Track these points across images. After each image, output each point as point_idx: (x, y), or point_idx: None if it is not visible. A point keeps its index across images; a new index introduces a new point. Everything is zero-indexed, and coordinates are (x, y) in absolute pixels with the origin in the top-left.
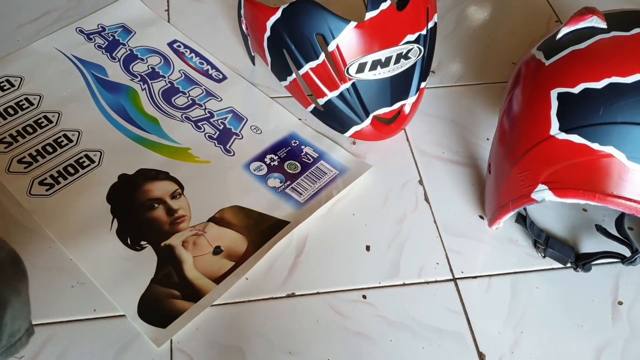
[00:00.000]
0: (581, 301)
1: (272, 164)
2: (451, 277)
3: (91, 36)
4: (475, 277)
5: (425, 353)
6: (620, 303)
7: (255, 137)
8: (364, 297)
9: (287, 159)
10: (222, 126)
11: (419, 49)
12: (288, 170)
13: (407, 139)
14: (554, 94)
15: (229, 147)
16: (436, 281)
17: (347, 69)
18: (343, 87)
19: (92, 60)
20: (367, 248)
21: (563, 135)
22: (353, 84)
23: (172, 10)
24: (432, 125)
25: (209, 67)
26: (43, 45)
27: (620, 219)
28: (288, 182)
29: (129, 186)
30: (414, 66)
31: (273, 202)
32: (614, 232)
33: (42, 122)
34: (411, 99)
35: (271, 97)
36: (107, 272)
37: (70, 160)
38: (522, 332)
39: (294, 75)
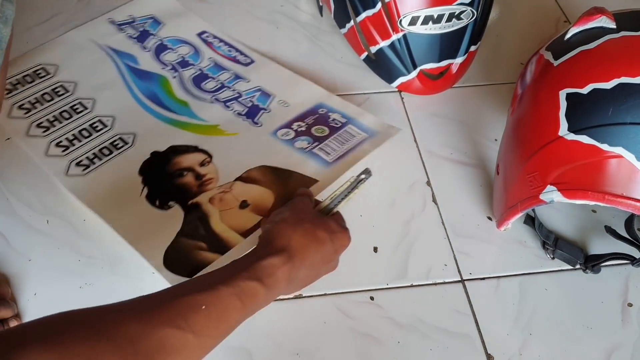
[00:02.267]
0: (590, 303)
1: (299, 129)
2: (459, 279)
3: (122, 27)
4: (483, 278)
5: (433, 355)
6: (630, 305)
7: (283, 110)
8: (372, 298)
9: (315, 124)
10: (250, 104)
11: (472, 12)
12: (315, 134)
13: (415, 140)
14: (562, 94)
15: (257, 119)
16: (444, 282)
17: (400, 20)
18: (395, 37)
19: (124, 50)
20: (375, 249)
21: (572, 136)
22: (404, 36)
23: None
24: (440, 126)
25: (237, 53)
26: (77, 34)
27: (629, 220)
28: (316, 143)
29: (161, 160)
30: (465, 28)
31: (301, 160)
32: (624, 233)
33: (78, 108)
34: (459, 59)
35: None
36: (136, 230)
37: (105, 143)
38: (530, 334)
39: (352, 23)
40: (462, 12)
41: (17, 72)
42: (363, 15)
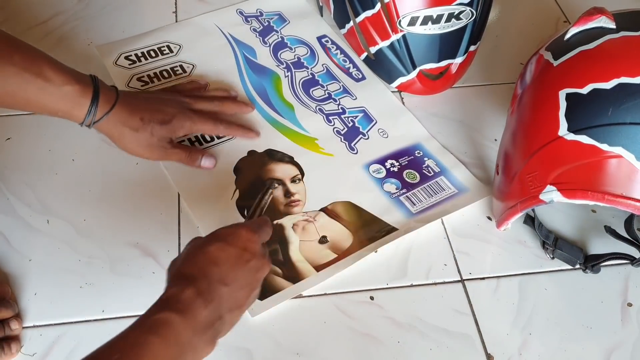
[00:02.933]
0: (590, 303)
1: (391, 169)
2: (459, 279)
3: (249, 19)
4: (483, 278)
5: (433, 354)
6: (629, 305)
7: (381, 141)
8: (372, 298)
9: (408, 167)
10: (351, 124)
11: (471, 12)
12: (406, 179)
13: None
14: (562, 94)
15: (354, 145)
16: (444, 282)
17: (400, 21)
18: (394, 37)
19: (245, 41)
20: (375, 249)
21: (572, 136)
22: (403, 36)
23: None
24: (440, 126)
25: (350, 65)
26: (205, 20)
27: (629, 220)
28: (404, 190)
29: (256, 163)
30: (464, 28)
31: (385, 206)
32: (623, 233)
33: None
34: (459, 59)
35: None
36: None
37: None
38: (530, 334)
39: (351, 23)
40: (461, 12)
41: (143, 45)
42: (362, 16)
